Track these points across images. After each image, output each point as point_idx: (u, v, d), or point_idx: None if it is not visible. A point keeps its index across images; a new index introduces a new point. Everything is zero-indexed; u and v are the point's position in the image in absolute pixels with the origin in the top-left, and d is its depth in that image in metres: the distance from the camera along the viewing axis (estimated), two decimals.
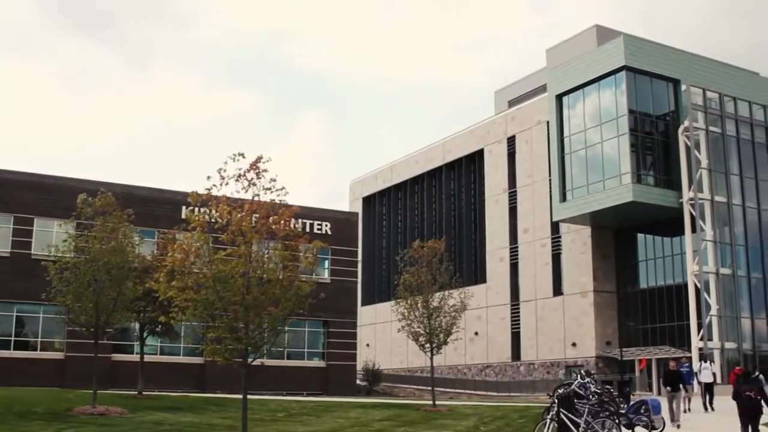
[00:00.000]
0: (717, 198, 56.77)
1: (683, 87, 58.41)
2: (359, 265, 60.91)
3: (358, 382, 57.53)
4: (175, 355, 45.79)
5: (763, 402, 16.64)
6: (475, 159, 76.61)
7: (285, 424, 23.79)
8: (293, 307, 17.38)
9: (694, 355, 51.39)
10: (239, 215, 17.57)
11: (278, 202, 17.88)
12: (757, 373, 25.86)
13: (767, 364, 57.11)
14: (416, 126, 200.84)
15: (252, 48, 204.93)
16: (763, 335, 57.95)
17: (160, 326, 32.00)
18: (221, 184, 17.65)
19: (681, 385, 25.15)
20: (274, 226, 17.84)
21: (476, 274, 73.74)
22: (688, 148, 56.79)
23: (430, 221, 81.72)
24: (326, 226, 50.49)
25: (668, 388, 24.85)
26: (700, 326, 54.14)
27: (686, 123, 57.13)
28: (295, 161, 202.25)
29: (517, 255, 69.60)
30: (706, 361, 34.82)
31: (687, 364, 31.38)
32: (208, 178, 17.68)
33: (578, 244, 63.55)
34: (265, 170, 17.80)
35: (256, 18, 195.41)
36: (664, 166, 58.55)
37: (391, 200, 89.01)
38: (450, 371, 73.10)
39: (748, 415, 16.60)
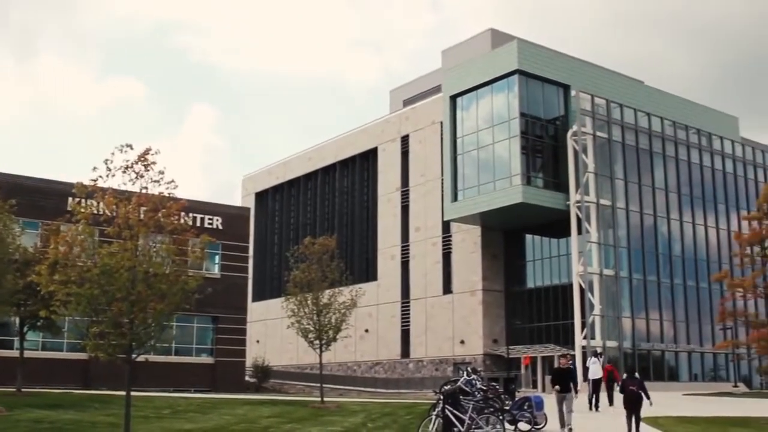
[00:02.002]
0: (602, 201, 58.52)
1: (573, 92, 60.01)
2: (250, 261, 60.42)
3: (247, 378, 57.06)
4: (57, 351, 44.40)
5: (642, 394, 19.75)
6: (369, 157, 76.88)
7: (170, 422, 23.40)
8: (179, 302, 17.08)
9: (578, 353, 52.92)
10: (126, 208, 17.16)
11: (167, 195, 17.53)
12: (625, 375, 27.20)
13: (646, 362, 59.41)
14: (311, 123, 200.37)
15: (144, 38, 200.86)
16: (642, 334, 60.01)
17: (41, 321, 31.03)
18: (108, 176, 17.18)
19: (572, 385, 21.20)
20: (162, 220, 17.49)
21: (368, 272, 74.01)
22: (576, 152, 58.35)
23: (323, 218, 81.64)
24: (217, 220, 49.85)
25: (557, 387, 21.12)
26: (583, 325, 55.69)
27: (575, 128, 58.68)
28: (187, 154, 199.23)
29: (408, 253, 70.18)
30: (595, 357, 32.47)
31: (571, 362, 30.85)
32: (95, 169, 17.21)
33: (468, 243, 64.50)
34: (154, 162, 17.44)
35: (149, 7, 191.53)
36: (552, 169, 59.97)
37: (284, 196, 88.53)
38: (340, 368, 73.20)
39: (632, 405, 19.97)
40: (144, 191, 17.41)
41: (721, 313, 29.67)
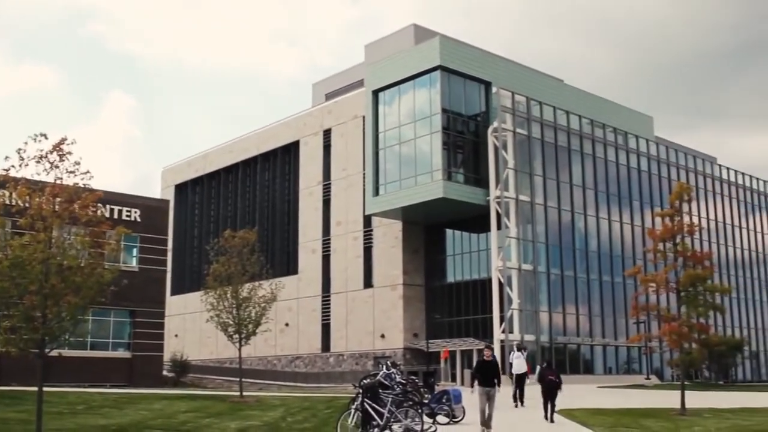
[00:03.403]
0: (521, 197, 59.34)
1: (494, 89, 60.66)
2: (169, 254, 59.52)
3: (165, 373, 56.24)
4: None
5: (559, 382, 22.59)
6: (291, 150, 76.49)
7: (84, 418, 22.94)
8: (94, 295, 16.76)
9: (497, 347, 53.58)
10: (40, 199, 16.77)
11: (82, 186, 17.18)
12: (544, 364, 28.20)
13: (563, 355, 60.52)
14: (233, 115, 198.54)
15: (57, 24, 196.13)
16: (559, 328, 61.11)
17: None
18: (21, 166, 16.79)
19: (496, 380, 19.38)
20: (77, 211, 17.12)
21: (288, 266, 73.71)
22: (496, 149, 59.03)
23: (244, 211, 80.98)
24: (135, 212, 48.90)
25: (478, 382, 19.49)
26: (502, 319, 56.40)
27: (495, 124, 59.34)
28: (104, 145, 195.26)
29: (329, 247, 70.09)
30: (519, 351, 31.16)
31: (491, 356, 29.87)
32: (7, 158, 16.78)
33: (389, 238, 64.73)
34: (69, 152, 17.08)
35: None
36: (473, 165, 60.55)
37: (205, 189, 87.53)
38: (260, 362, 72.74)
39: (550, 393, 22.92)
40: (58, 182, 17.03)
41: (634, 308, 30.26)
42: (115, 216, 45.10)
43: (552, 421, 22.62)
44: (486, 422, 19.11)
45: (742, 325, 78.35)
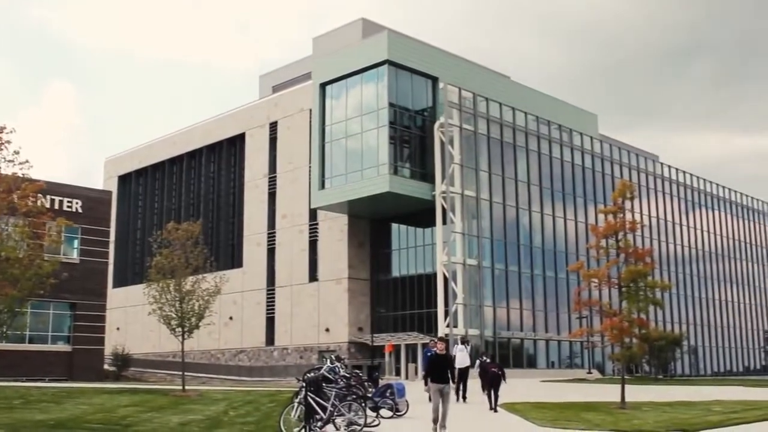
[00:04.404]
0: (467, 192, 59.67)
1: (441, 85, 60.85)
2: (111, 246, 58.72)
3: (106, 367, 55.48)
4: None
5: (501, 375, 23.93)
6: (237, 143, 75.94)
7: (21, 412, 22.48)
8: (33, 287, 16.46)
9: None
10: None
11: (21, 175, 16.84)
12: (484, 358, 29.81)
13: (506, 350, 61.03)
14: (178, 106, 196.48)
15: (0, 8, 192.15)
16: (503, 323, 61.61)
17: None
18: None
19: (450, 376, 17.43)
20: (16, 201, 16.79)
21: (233, 259, 73.24)
22: (442, 144, 59.25)
23: (188, 203, 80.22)
24: (77, 203, 48.06)
25: (431, 379, 17.28)
26: (446, 314, 56.70)
27: (442, 119, 59.58)
28: (45, 134, 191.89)
29: (274, 240, 69.75)
30: (462, 344, 30.43)
31: (434, 348, 28.90)
32: None
33: (335, 231, 64.64)
34: (8, 141, 16.74)
35: None
36: (419, 160, 60.73)
37: (148, 180, 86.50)
38: (203, 356, 72.19)
39: (494, 385, 24.23)
40: None
41: (577, 303, 30.56)
42: (56, 207, 44.26)
43: (496, 411, 23.60)
44: (440, 421, 17.00)
45: (681, 320, 79.82)
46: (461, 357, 28.71)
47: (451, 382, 17.45)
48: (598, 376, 61.22)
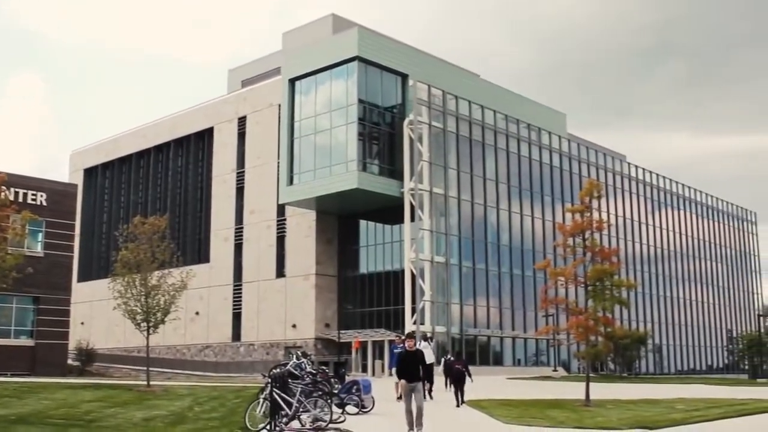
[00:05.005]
0: (435, 190, 59.75)
1: (410, 82, 60.85)
2: (77, 240, 58.20)
3: (70, 362, 54.95)
4: None
5: (466, 373, 24.82)
6: (205, 137, 75.47)
7: None
8: None
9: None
10: None
11: None
12: (449, 356, 31.43)
13: (473, 347, 61.26)
14: (147, 100, 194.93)
15: None
16: (470, 320, 61.80)
17: None
18: None
19: (422, 373, 16.47)
20: None
21: (200, 254, 72.85)
22: (411, 141, 59.27)
23: (155, 198, 79.62)
24: (41, 196, 47.54)
25: (402, 379, 16.38)
26: (414, 311, 56.74)
27: (411, 116, 59.58)
28: (9, 125, 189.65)
29: (242, 236, 69.46)
30: (426, 341, 30.28)
31: (401, 345, 27.26)
32: None
33: (303, 227, 64.47)
34: None
35: None
36: (388, 156, 60.71)
37: (115, 174, 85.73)
38: (168, 351, 71.71)
39: (458, 381, 25.20)
40: None
41: (543, 301, 30.70)
42: (20, 200, 43.78)
43: (458, 406, 24.37)
44: (416, 422, 16.04)
45: (647, 319, 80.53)
46: (427, 354, 28.52)
47: (425, 380, 16.99)
48: (564, 374, 61.61)
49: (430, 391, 27.99)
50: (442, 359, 31.52)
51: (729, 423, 21.18)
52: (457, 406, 24.33)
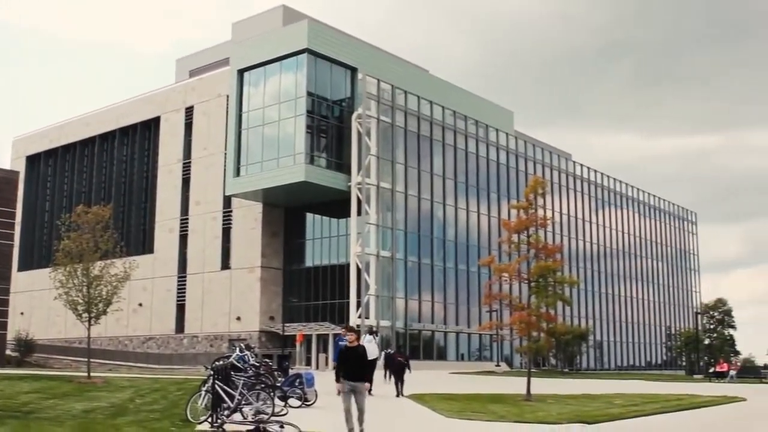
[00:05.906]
0: (382, 184, 59.90)
1: (360, 75, 60.84)
2: (17, 228, 57.27)
3: (8, 352, 54.16)
4: None
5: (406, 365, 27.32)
6: (151, 127, 74.65)
7: None
8: None
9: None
10: None
11: None
12: (390, 350, 33.62)
13: (417, 341, 61.57)
14: (92, 87, 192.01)
15: None
16: (414, 315, 62.09)
17: None
18: None
19: (364, 372, 14.80)
20: None
21: (144, 244, 72.11)
22: (359, 135, 59.33)
23: (99, 187, 78.57)
24: None
25: (342, 376, 14.52)
26: (359, 304, 56.87)
27: (360, 110, 59.63)
28: None
29: (187, 227, 68.88)
30: (371, 335, 29.35)
31: (346, 337, 26.70)
32: None
33: (249, 219, 64.17)
34: None
35: None
36: (336, 150, 60.67)
37: (59, 162, 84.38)
38: (111, 343, 70.88)
39: (399, 373, 26.92)
40: None
41: (487, 296, 31.10)
42: None
43: (398, 396, 25.81)
44: (357, 424, 14.43)
45: (588, 315, 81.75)
46: (370, 348, 27.78)
47: (368, 380, 15.09)
48: (507, 369, 62.27)
49: (369, 390, 27.95)
50: (383, 353, 31.73)
51: (665, 417, 21.63)
52: (397, 396, 25.59)
